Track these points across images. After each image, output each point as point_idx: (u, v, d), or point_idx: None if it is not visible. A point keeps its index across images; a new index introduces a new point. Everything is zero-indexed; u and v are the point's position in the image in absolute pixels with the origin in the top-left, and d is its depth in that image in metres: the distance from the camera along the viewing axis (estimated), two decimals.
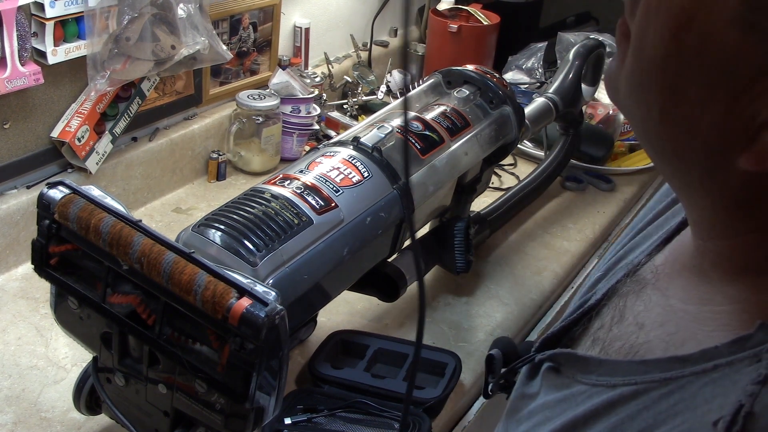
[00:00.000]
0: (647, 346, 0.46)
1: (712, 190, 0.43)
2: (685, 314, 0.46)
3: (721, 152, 0.40)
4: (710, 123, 0.40)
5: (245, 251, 0.79)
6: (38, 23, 1.10)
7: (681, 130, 0.42)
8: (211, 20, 1.32)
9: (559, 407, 0.50)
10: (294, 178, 0.90)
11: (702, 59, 0.39)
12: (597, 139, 1.66)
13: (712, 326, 0.43)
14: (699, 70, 0.39)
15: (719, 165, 0.41)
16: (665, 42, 0.40)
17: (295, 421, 0.92)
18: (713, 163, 0.41)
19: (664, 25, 0.40)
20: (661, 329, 0.46)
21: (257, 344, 0.65)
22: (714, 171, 0.42)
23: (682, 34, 0.39)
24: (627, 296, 0.53)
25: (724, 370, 0.40)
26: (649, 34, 0.41)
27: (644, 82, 0.42)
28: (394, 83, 1.85)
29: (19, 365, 1.00)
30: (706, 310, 0.45)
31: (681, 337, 0.45)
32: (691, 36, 0.39)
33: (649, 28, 0.41)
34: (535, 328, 1.24)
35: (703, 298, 0.45)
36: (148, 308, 0.72)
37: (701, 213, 0.46)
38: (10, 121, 1.13)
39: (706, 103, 0.39)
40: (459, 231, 1.17)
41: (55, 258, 0.78)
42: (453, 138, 1.09)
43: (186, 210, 1.38)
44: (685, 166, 0.43)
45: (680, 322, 0.46)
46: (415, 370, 0.74)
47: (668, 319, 0.47)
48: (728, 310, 0.43)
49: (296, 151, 1.55)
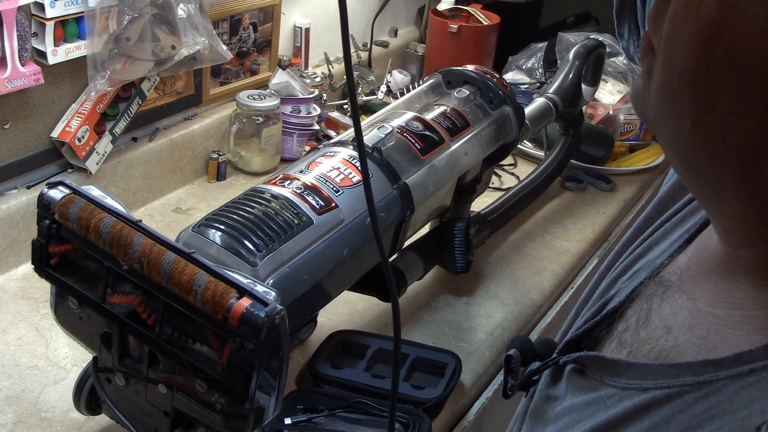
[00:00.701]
0: (677, 349, 0.46)
1: (745, 198, 0.43)
2: (714, 318, 0.46)
3: (754, 161, 0.40)
4: (744, 132, 0.40)
5: (245, 251, 0.79)
6: (38, 23, 1.10)
7: (714, 139, 0.42)
8: (211, 20, 1.32)
9: (587, 410, 0.50)
10: (294, 178, 0.90)
11: (733, 70, 0.39)
12: (597, 139, 1.66)
13: (744, 330, 0.43)
14: (730, 80, 0.39)
15: (753, 174, 0.41)
16: (695, 54, 0.40)
17: (295, 421, 0.92)
18: (747, 172, 0.41)
19: (693, 38, 0.40)
20: (690, 333, 0.46)
21: (257, 344, 0.65)
22: (748, 180, 0.42)
23: (712, 46, 0.39)
24: (651, 299, 0.53)
25: (760, 373, 0.40)
26: (677, 47, 0.41)
27: (675, 95, 0.43)
28: (394, 83, 1.85)
29: (19, 365, 1.00)
30: (738, 315, 0.44)
31: (712, 341, 0.44)
32: (720, 48, 0.39)
33: (677, 42, 0.41)
34: (535, 328, 1.24)
35: (733, 302, 0.45)
36: (148, 308, 0.72)
37: (732, 222, 0.46)
38: (10, 121, 1.13)
39: (739, 113, 0.40)
40: (459, 231, 1.17)
41: (55, 258, 0.78)
42: (453, 138, 1.09)
43: (186, 210, 1.38)
44: (718, 176, 0.43)
45: (710, 326, 0.46)
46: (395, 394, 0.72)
47: (697, 322, 0.47)
48: (761, 315, 0.43)
49: (296, 151, 1.55)
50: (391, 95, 1.81)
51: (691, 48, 0.41)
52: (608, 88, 1.80)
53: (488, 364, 1.10)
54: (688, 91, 0.42)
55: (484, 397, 1.09)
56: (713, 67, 0.40)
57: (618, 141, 1.71)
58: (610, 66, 1.81)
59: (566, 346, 0.59)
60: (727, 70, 0.39)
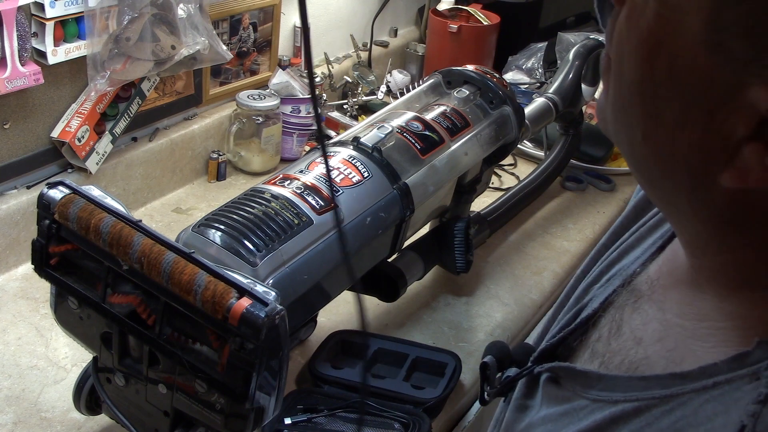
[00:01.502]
0: (647, 362, 0.47)
1: (700, 209, 0.43)
2: (682, 330, 0.46)
3: (703, 172, 0.40)
4: (689, 143, 0.40)
5: (245, 251, 0.79)
6: (38, 23, 1.10)
7: (663, 151, 0.42)
8: (211, 20, 1.32)
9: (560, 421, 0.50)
10: (294, 178, 0.90)
11: (674, 81, 0.39)
12: (597, 139, 1.66)
13: (711, 342, 0.43)
14: (673, 91, 0.39)
15: (703, 184, 0.41)
16: (639, 65, 0.41)
17: (295, 421, 0.92)
18: (697, 183, 0.41)
19: (636, 50, 0.41)
20: (659, 344, 0.47)
21: (257, 344, 0.65)
22: (699, 190, 0.42)
23: (653, 57, 0.39)
24: (623, 308, 0.53)
25: (723, 387, 0.40)
26: (624, 58, 0.42)
27: (626, 107, 0.43)
28: (394, 83, 1.85)
29: (19, 365, 1.00)
30: (704, 326, 0.45)
31: (680, 354, 0.45)
32: (661, 59, 0.39)
33: (624, 53, 0.42)
34: (535, 328, 1.24)
35: (700, 313, 0.45)
36: (148, 308, 0.72)
37: (692, 232, 0.46)
38: (10, 121, 1.13)
39: (683, 124, 0.39)
40: (459, 231, 1.17)
41: (55, 258, 0.78)
42: (453, 138, 1.09)
43: (186, 210, 1.38)
44: (672, 187, 0.44)
45: (678, 337, 0.46)
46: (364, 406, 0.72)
47: (666, 334, 0.47)
48: (726, 327, 0.43)
49: (296, 151, 1.55)
50: (391, 95, 1.81)
51: (636, 59, 0.41)
52: None
53: None
54: (637, 102, 0.42)
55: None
56: (656, 77, 0.40)
57: None
58: None
59: (541, 354, 0.59)
60: (668, 81, 0.39)
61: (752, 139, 0.37)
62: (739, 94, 0.36)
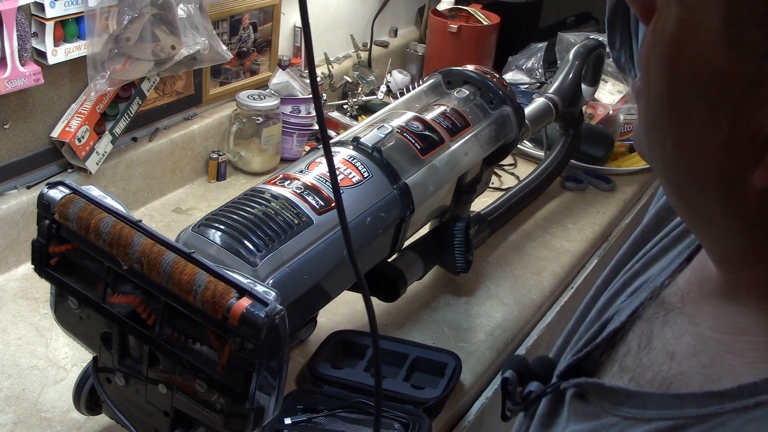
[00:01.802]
0: (681, 378, 0.45)
1: (733, 217, 0.42)
2: (718, 344, 0.44)
3: (734, 173, 0.39)
4: (718, 144, 0.39)
5: (245, 251, 0.79)
6: (38, 23, 1.10)
7: (694, 158, 0.41)
8: (211, 20, 1.32)
9: None
10: (294, 178, 0.90)
11: (698, 83, 0.39)
12: (597, 139, 1.66)
13: (749, 357, 0.42)
14: (698, 94, 0.39)
15: (736, 187, 0.40)
16: (665, 74, 0.41)
17: (295, 421, 0.92)
18: (729, 187, 0.40)
19: (662, 58, 0.41)
20: (694, 360, 0.45)
21: (257, 344, 0.65)
22: (732, 194, 0.41)
23: (677, 62, 0.40)
24: (653, 321, 0.51)
25: (765, 407, 0.38)
26: (651, 70, 0.42)
27: (656, 120, 0.43)
28: (394, 83, 1.85)
29: (19, 365, 1.00)
30: (743, 340, 0.43)
31: (717, 371, 0.43)
32: (684, 63, 0.39)
33: (651, 65, 0.42)
34: (535, 328, 1.24)
35: (736, 327, 0.44)
36: (148, 308, 0.72)
37: (725, 246, 0.45)
38: (10, 121, 1.13)
39: (710, 127, 0.39)
40: (459, 231, 1.17)
41: (55, 258, 0.78)
42: (453, 138, 1.09)
43: (186, 210, 1.38)
44: (704, 196, 0.43)
45: (714, 352, 0.44)
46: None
47: (701, 348, 0.45)
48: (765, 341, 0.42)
49: (296, 151, 1.55)
50: (391, 95, 1.81)
51: (661, 68, 0.41)
52: (608, 88, 1.80)
53: (488, 364, 1.10)
54: (665, 113, 0.42)
55: (484, 397, 1.09)
56: (681, 82, 0.40)
57: (618, 141, 1.71)
58: (610, 66, 1.81)
59: (567, 369, 0.58)
60: (693, 84, 0.39)
61: None
62: (763, 86, 0.36)
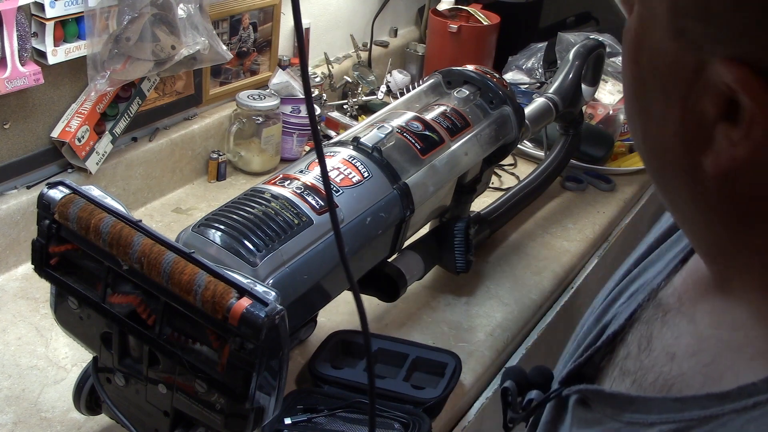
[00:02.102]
0: (682, 379, 0.45)
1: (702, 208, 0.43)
2: (717, 341, 0.45)
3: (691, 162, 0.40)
4: (673, 133, 0.41)
5: (245, 251, 0.79)
6: (38, 23, 1.10)
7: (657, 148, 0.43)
8: (211, 20, 1.32)
9: None
10: (294, 178, 0.90)
11: (654, 75, 0.41)
12: (597, 139, 1.66)
13: (748, 353, 0.42)
14: (654, 86, 0.41)
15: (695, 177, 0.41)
16: (630, 68, 0.43)
17: (295, 421, 0.92)
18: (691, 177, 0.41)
19: (627, 53, 0.43)
20: (694, 359, 0.45)
21: (257, 344, 0.65)
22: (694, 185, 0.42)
23: (638, 55, 0.42)
24: (652, 323, 0.51)
25: (764, 407, 0.39)
26: (623, 68, 0.45)
27: (629, 112, 0.45)
28: (394, 83, 1.85)
29: (19, 365, 1.00)
30: (741, 336, 0.43)
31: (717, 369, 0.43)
32: (643, 56, 0.41)
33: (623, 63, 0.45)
34: (535, 328, 1.24)
35: (734, 323, 0.44)
36: (148, 308, 0.72)
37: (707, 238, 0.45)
38: (10, 121, 1.13)
39: (666, 116, 0.41)
40: (459, 231, 1.17)
41: (55, 258, 0.78)
42: (453, 138, 1.09)
43: (186, 210, 1.38)
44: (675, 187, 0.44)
45: (714, 350, 0.44)
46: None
47: (700, 348, 0.45)
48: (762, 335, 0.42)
49: (296, 151, 1.55)
50: (391, 95, 1.81)
51: (627, 62, 0.43)
52: (608, 88, 1.80)
53: (488, 364, 1.10)
54: (634, 103, 0.44)
55: (484, 397, 1.09)
56: (642, 75, 0.42)
57: (618, 141, 1.71)
58: (610, 66, 1.81)
59: (568, 376, 0.58)
60: (650, 76, 0.41)
61: (721, 119, 0.38)
62: (703, 74, 0.37)
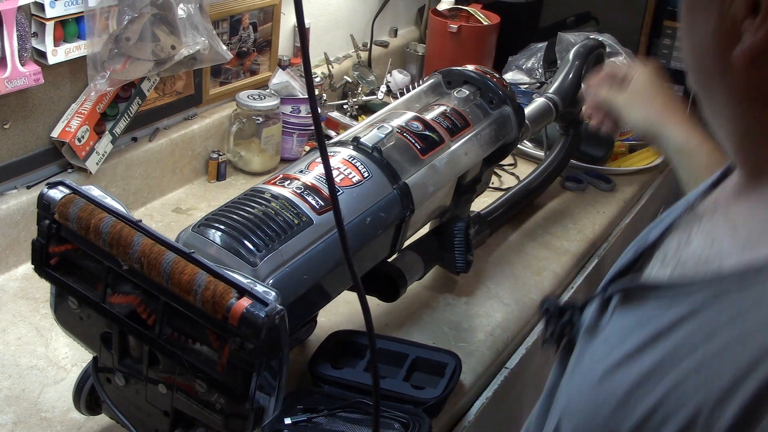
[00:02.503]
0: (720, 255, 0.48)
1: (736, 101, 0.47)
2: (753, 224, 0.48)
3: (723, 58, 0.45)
4: (711, 35, 0.46)
5: (245, 251, 0.79)
6: (38, 23, 1.10)
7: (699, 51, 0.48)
8: (211, 20, 1.32)
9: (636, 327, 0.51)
10: (294, 178, 0.91)
11: None
12: (597, 139, 1.66)
13: None
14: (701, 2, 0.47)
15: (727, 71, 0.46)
16: None
17: (295, 421, 0.92)
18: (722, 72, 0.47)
19: None
20: (731, 239, 0.49)
21: (257, 344, 0.65)
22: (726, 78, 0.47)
23: None
24: (690, 226, 0.55)
25: None
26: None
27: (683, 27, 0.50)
28: (394, 83, 1.85)
29: (19, 365, 1.00)
30: None
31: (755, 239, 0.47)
32: None
33: None
34: (535, 328, 1.24)
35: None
36: (148, 308, 0.72)
37: (738, 130, 0.49)
38: (10, 121, 1.13)
39: (707, 22, 0.46)
40: (459, 231, 1.17)
41: (55, 258, 0.78)
42: (453, 138, 1.09)
43: (186, 210, 1.38)
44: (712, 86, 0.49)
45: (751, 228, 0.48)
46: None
47: (738, 231, 0.49)
48: None
49: (296, 151, 1.55)
50: (391, 95, 1.81)
51: None
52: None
53: (488, 364, 1.10)
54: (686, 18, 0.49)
55: (484, 397, 1.09)
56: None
57: (618, 141, 1.71)
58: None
59: (611, 279, 0.61)
60: None
61: (747, 16, 0.43)
62: None
